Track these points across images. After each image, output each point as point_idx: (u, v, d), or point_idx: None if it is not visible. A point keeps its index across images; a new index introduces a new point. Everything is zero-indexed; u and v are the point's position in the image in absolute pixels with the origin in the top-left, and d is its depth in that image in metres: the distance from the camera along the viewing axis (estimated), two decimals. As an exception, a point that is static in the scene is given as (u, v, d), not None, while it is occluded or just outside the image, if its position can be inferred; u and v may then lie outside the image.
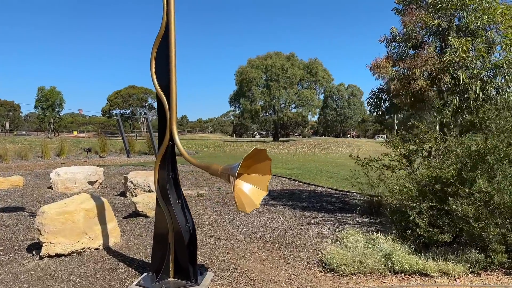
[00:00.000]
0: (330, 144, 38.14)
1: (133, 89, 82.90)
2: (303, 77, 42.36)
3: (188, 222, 3.97)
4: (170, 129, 3.97)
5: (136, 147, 28.58)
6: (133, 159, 22.58)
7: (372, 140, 76.72)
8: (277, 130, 45.68)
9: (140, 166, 16.84)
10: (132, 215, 7.13)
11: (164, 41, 4.01)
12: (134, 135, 47.19)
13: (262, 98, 40.71)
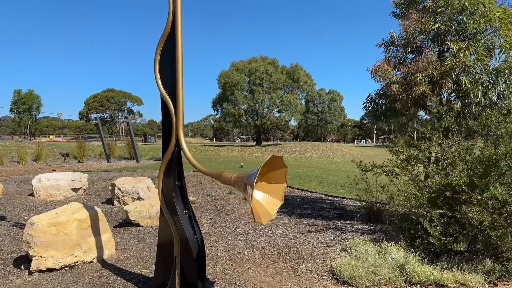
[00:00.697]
0: (313, 149, 38.19)
1: (111, 93, 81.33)
2: (286, 82, 42.36)
3: (197, 234, 3.70)
4: (177, 134, 3.71)
5: (116, 152, 27.90)
6: (114, 164, 21.98)
7: (352, 144, 77.55)
8: (259, 134, 45.51)
9: (123, 172, 16.36)
10: (123, 224, 6.77)
11: (170, 40, 3.75)
12: (113, 139, 46.19)
13: (245, 102, 40.47)
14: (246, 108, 41.68)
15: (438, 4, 6.14)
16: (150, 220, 6.62)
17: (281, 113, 43.97)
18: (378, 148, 56.58)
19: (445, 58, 6.08)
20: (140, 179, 9.26)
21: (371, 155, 32.34)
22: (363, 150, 43.20)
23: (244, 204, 8.85)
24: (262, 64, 41.06)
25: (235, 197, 9.74)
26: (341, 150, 38.68)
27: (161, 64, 3.83)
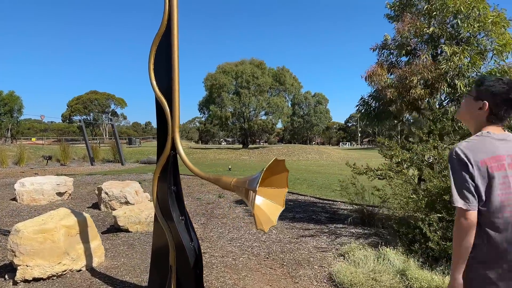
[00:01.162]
0: (300, 151, 38.21)
1: (94, 94, 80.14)
2: (272, 85, 42.34)
3: (194, 241, 3.54)
4: (172, 136, 3.55)
5: (100, 155, 27.43)
6: (98, 168, 21.56)
7: (337, 147, 78.06)
8: (246, 137, 45.36)
9: (109, 175, 16.02)
10: (111, 230, 6.55)
11: (165, 38, 3.60)
12: (97, 142, 45.46)
13: (232, 105, 40.28)
14: (233, 110, 41.49)
15: (434, 7, 6.12)
16: (140, 225, 6.42)
17: (268, 115, 43.94)
18: (363, 151, 57.07)
19: (439, 62, 6.05)
20: (127, 183, 9.03)
21: (357, 158, 32.57)
22: (349, 153, 43.46)
23: (235, 208, 8.70)
24: (249, 66, 40.97)
25: (225, 201, 9.58)
26: (328, 153, 38.81)
27: (155, 64, 3.68)
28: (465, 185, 1.77)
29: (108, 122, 63.62)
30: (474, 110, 1.92)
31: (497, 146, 1.82)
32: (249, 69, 40.33)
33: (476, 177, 1.76)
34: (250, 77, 40.01)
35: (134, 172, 17.78)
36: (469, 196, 1.75)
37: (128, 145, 47.09)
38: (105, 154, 27.94)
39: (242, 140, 48.77)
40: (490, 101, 1.86)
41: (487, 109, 1.86)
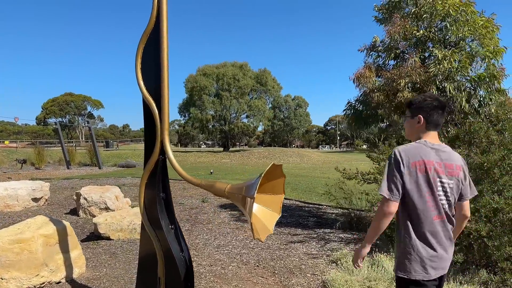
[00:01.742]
0: (281, 154, 38.15)
1: (70, 97, 78.22)
2: (254, 87, 42.18)
3: (184, 251, 3.33)
4: (161, 140, 3.34)
5: (76, 158, 26.71)
6: (75, 171, 20.94)
7: (317, 150, 78.56)
8: (227, 140, 45.02)
9: (86, 179, 15.55)
10: (91, 237, 6.25)
11: (153, 36, 3.39)
12: (73, 145, 44.34)
13: (213, 107, 39.90)
14: (214, 113, 41.12)
15: (423, 10, 6.09)
16: (122, 233, 6.14)
17: (249, 118, 43.76)
18: (342, 154, 57.55)
19: (428, 65, 6.02)
20: (107, 187, 8.70)
21: (338, 160, 32.77)
22: (329, 156, 43.72)
23: (219, 213, 8.49)
24: (231, 69, 40.72)
25: (209, 206, 9.36)
26: (308, 156, 38.90)
27: (143, 64, 3.46)
28: (394, 180, 2.11)
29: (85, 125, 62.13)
30: (414, 126, 2.28)
31: (429, 152, 2.15)
32: (231, 71, 40.04)
33: (405, 175, 2.10)
34: (232, 79, 39.70)
35: (112, 176, 17.32)
36: (394, 190, 2.10)
37: (105, 148, 46.08)
38: (81, 157, 27.21)
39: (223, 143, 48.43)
40: (422, 114, 2.24)
41: (423, 121, 2.23)
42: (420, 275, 2.13)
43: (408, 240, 2.17)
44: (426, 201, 2.12)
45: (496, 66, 5.88)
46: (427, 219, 2.13)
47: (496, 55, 5.90)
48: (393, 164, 2.14)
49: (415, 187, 2.11)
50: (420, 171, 2.11)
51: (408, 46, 6.44)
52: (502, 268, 4.08)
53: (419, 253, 2.13)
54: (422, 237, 2.14)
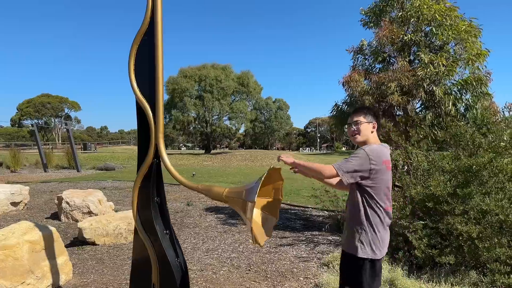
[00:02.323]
0: (263, 157, 38.13)
1: (47, 98, 76.38)
2: (236, 88, 42.01)
3: (179, 257, 3.26)
4: (156, 143, 3.25)
5: (53, 161, 26.05)
6: (53, 174, 20.44)
7: (297, 152, 78.98)
8: (209, 142, 44.69)
9: (65, 183, 15.19)
10: (75, 243, 6.08)
11: (148, 36, 3.32)
12: (50, 147, 43.28)
13: (195, 109, 39.53)
14: (196, 115, 40.77)
15: (409, 14, 6.18)
16: (108, 238, 5.99)
17: (231, 120, 43.52)
18: (323, 156, 57.97)
19: (415, 68, 6.10)
20: (90, 191, 8.50)
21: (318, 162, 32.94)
22: (310, 158, 43.97)
23: (205, 216, 8.40)
24: (213, 71, 40.42)
25: (194, 209, 9.25)
26: (289, 158, 39.02)
27: (137, 65, 3.37)
28: (356, 169, 2.41)
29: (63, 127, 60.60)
30: (369, 131, 2.60)
31: (387, 152, 2.57)
32: (213, 73, 39.76)
33: (374, 169, 2.41)
34: (214, 80, 39.41)
35: (92, 179, 16.97)
36: (349, 175, 2.41)
37: (83, 151, 45.16)
38: (59, 160, 26.56)
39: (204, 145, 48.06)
40: (377, 121, 2.63)
41: (375, 128, 2.62)
42: (375, 255, 2.47)
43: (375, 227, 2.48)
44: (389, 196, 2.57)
45: (481, 69, 6.01)
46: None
47: (479, 57, 6.03)
48: (363, 159, 2.42)
49: (384, 180, 2.49)
50: (388, 168, 2.52)
51: (395, 50, 6.51)
52: (492, 269, 4.15)
53: (382, 237, 2.50)
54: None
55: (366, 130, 2.59)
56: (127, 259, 5.27)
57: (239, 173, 21.27)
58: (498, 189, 4.39)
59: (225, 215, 8.60)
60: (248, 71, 44.08)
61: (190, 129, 43.81)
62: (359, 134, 2.61)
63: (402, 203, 4.93)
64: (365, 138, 2.59)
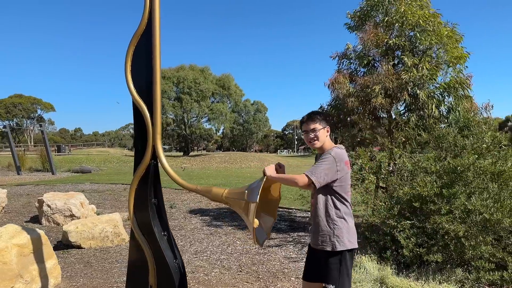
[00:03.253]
0: (242, 159, 38.13)
1: (19, 98, 74.15)
2: (215, 90, 41.86)
3: (178, 259, 3.25)
4: (153, 144, 3.24)
5: (27, 163, 25.32)
6: (26, 177, 19.87)
7: (275, 154, 79.33)
8: (188, 144, 44.32)
9: (41, 186, 14.81)
10: (59, 246, 5.95)
11: (145, 36, 3.31)
12: (22, 149, 42.04)
13: (173, 111, 39.20)
14: (174, 117, 40.39)
15: (394, 19, 6.34)
16: (94, 241, 5.89)
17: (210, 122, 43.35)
18: (301, 158, 58.45)
19: (399, 72, 6.27)
20: (72, 194, 8.33)
21: (298, 165, 33.24)
22: (289, 160, 44.23)
23: (190, 219, 8.36)
24: (191, 72, 40.16)
25: (178, 212, 9.19)
26: (268, 160, 39.16)
27: (133, 65, 3.35)
28: (326, 173, 2.61)
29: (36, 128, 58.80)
30: (325, 136, 2.79)
31: (346, 153, 2.77)
32: (191, 75, 39.52)
33: (340, 171, 2.64)
34: (192, 82, 39.19)
35: (69, 182, 16.59)
36: (321, 179, 2.60)
37: (56, 153, 44.04)
38: (32, 162, 25.83)
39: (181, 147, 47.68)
40: (329, 125, 2.84)
41: (329, 130, 2.84)
42: (352, 244, 2.68)
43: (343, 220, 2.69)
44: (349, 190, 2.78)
45: (463, 72, 6.23)
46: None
47: (460, 59, 6.25)
48: (332, 162, 2.63)
49: (347, 179, 2.74)
50: (349, 168, 2.75)
51: (379, 54, 6.66)
52: (476, 267, 4.30)
53: (353, 227, 2.73)
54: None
55: (323, 136, 2.79)
56: (115, 262, 5.20)
57: (219, 175, 21.22)
58: (481, 189, 4.56)
59: (209, 217, 8.58)
60: (228, 74, 44.14)
61: (168, 131, 43.40)
62: (318, 140, 2.79)
63: (389, 204, 5.05)
64: (322, 143, 2.79)
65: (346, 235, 2.65)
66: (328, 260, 2.67)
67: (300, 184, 2.66)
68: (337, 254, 2.64)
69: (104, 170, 26.73)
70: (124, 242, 6.23)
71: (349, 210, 2.75)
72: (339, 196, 2.70)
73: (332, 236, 2.65)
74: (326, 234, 2.68)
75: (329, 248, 2.65)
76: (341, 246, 2.63)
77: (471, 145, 4.92)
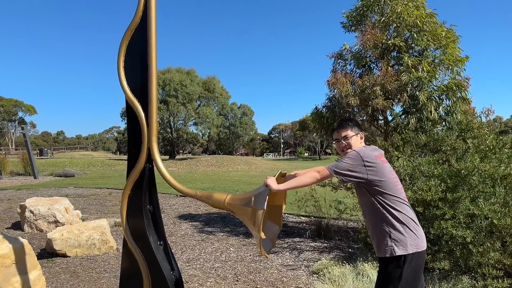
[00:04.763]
0: (229, 162, 37.80)
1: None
2: (201, 93, 41.42)
3: (175, 271, 3.00)
4: (149, 147, 3.00)
5: (8, 167, 24.55)
6: (7, 181, 19.25)
7: (262, 157, 79.24)
8: (174, 148, 43.73)
9: (23, 190, 14.31)
10: (43, 255, 5.62)
11: (140, 31, 3.07)
12: (3, 152, 40.93)
13: (159, 113, 38.61)
14: (160, 120, 39.82)
15: (391, 20, 6.22)
16: (80, 249, 5.58)
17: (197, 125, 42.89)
18: (287, 161, 58.50)
19: (398, 73, 6.14)
20: (56, 199, 7.98)
21: (285, 168, 33.10)
22: (276, 163, 44.12)
23: (180, 224, 8.08)
24: (178, 75, 39.68)
25: (167, 217, 8.90)
26: (256, 164, 38.96)
27: (127, 62, 3.11)
28: (349, 168, 2.44)
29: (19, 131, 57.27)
30: (359, 142, 2.69)
31: (377, 148, 2.66)
32: (178, 77, 39.03)
33: (369, 168, 2.43)
34: (179, 85, 38.69)
35: (52, 186, 16.08)
36: (344, 173, 2.44)
37: (39, 157, 43.03)
38: (14, 166, 25.09)
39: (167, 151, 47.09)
40: (360, 131, 2.73)
41: (363, 137, 2.74)
42: (417, 245, 2.50)
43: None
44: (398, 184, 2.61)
45: (461, 76, 6.13)
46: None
47: (459, 63, 6.16)
48: (356, 160, 2.46)
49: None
50: (384, 161, 2.57)
51: (376, 55, 6.53)
52: (483, 274, 4.16)
53: (414, 230, 2.51)
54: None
55: (356, 143, 2.66)
56: (103, 272, 4.91)
57: (207, 179, 20.90)
58: (486, 193, 4.42)
59: (200, 222, 8.31)
60: (214, 76, 43.82)
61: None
62: (351, 148, 2.66)
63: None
64: (352, 148, 2.65)
65: (406, 239, 2.43)
66: (387, 267, 2.49)
67: (319, 180, 2.53)
68: (396, 260, 2.42)
69: (88, 174, 26.14)
70: (112, 250, 5.93)
71: (405, 210, 2.51)
72: (387, 195, 2.47)
73: (389, 241, 2.45)
74: (383, 240, 2.49)
75: (387, 255, 2.46)
76: (400, 250, 2.41)
77: (474, 147, 4.79)
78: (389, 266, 2.45)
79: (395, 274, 2.41)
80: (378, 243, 2.52)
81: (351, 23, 6.92)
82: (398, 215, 2.45)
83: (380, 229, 2.49)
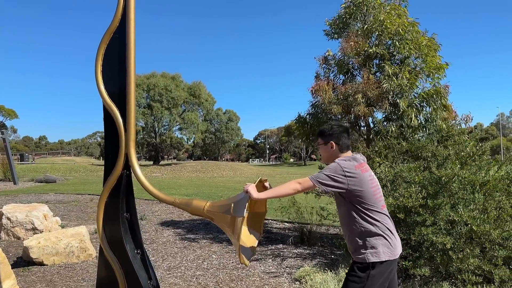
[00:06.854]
0: (214, 168, 37.61)
1: (-21, 104, 70.90)
2: (187, 99, 41.24)
3: (152, 280, 2.93)
4: (126, 153, 2.94)
5: (-14, 172, 23.98)
6: (-15, 187, 18.77)
7: (247, 163, 79.17)
8: (158, 153, 43.35)
9: (2, 196, 13.96)
10: (19, 263, 5.46)
11: (118, 35, 3.02)
12: (-18, 157, 39.89)
13: (143, 118, 38.33)
14: (144, 125, 39.49)
15: (374, 27, 6.28)
16: (57, 257, 5.44)
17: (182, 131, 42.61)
18: (272, 167, 58.53)
19: (379, 80, 6.19)
20: (34, 205, 7.79)
21: (270, 174, 33.15)
22: (261, 169, 44.14)
23: (162, 231, 7.97)
24: (162, 79, 39.46)
25: (148, 224, 8.77)
26: (241, 169, 38.87)
27: (105, 66, 3.05)
28: (331, 177, 2.46)
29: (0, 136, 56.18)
30: (329, 151, 2.69)
31: (359, 158, 2.65)
32: (162, 82, 38.79)
33: (349, 178, 2.46)
34: (163, 90, 38.46)
35: (32, 192, 15.74)
36: (325, 185, 2.47)
37: (19, 162, 42.14)
38: (-8, 171, 24.49)
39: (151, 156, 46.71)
40: (333, 140, 2.66)
41: (335, 145, 2.66)
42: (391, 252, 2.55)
43: None
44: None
45: (441, 83, 6.22)
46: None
47: (439, 70, 6.25)
48: (338, 171, 2.48)
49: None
50: (364, 171, 2.58)
51: (358, 62, 6.58)
52: (463, 280, 4.19)
53: (389, 238, 2.56)
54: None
55: (326, 151, 2.72)
56: (81, 280, 4.79)
57: (191, 185, 20.73)
58: (466, 200, 4.46)
59: (182, 229, 8.22)
60: (199, 81, 43.66)
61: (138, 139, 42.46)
62: (322, 156, 2.80)
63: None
64: (328, 157, 2.71)
65: (380, 246, 2.49)
66: (357, 272, 2.54)
67: (301, 190, 2.55)
68: (367, 266, 2.49)
69: (70, 180, 25.68)
70: (91, 258, 5.80)
71: (382, 219, 2.55)
72: (364, 205, 2.52)
73: (364, 248, 2.52)
74: (358, 247, 2.55)
75: (360, 260, 2.52)
76: (373, 257, 2.47)
77: (455, 154, 4.85)
78: (360, 268, 2.52)
79: (364, 275, 2.49)
80: (354, 250, 2.57)
81: (334, 30, 6.98)
82: (374, 224, 2.51)
83: (356, 237, 2.54)
